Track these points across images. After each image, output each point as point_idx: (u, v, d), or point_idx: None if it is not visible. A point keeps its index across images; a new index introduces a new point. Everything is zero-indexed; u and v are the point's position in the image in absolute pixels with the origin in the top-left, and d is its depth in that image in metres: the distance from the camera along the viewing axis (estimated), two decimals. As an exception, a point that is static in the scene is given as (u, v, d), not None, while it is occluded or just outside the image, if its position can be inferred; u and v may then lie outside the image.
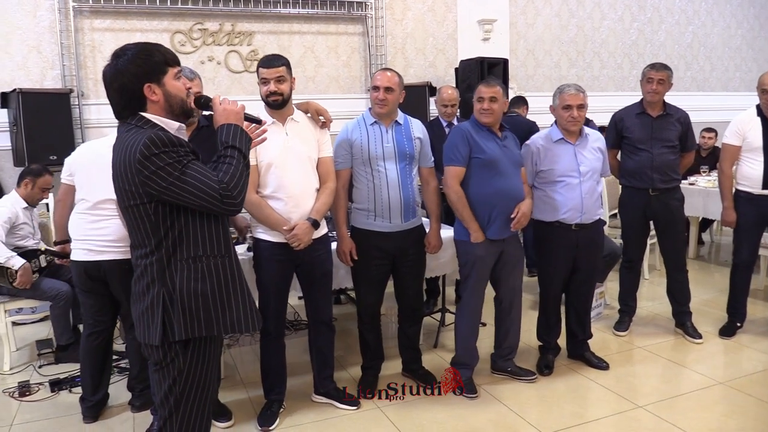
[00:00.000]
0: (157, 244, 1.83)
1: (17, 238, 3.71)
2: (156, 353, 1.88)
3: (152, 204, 1.79)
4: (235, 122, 1.91)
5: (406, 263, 3.21)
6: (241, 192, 1.83)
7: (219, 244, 1.89)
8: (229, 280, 1.90)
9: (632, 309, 4.19)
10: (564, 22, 7.31)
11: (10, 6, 5.21)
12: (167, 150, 1.73)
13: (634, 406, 3.09)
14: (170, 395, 1.90)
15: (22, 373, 3.70)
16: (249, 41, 6.06)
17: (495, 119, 3.16)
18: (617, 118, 4.01)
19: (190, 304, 1.83)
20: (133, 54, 1.82)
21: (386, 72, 3.09)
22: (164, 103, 1.85)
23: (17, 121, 4.85)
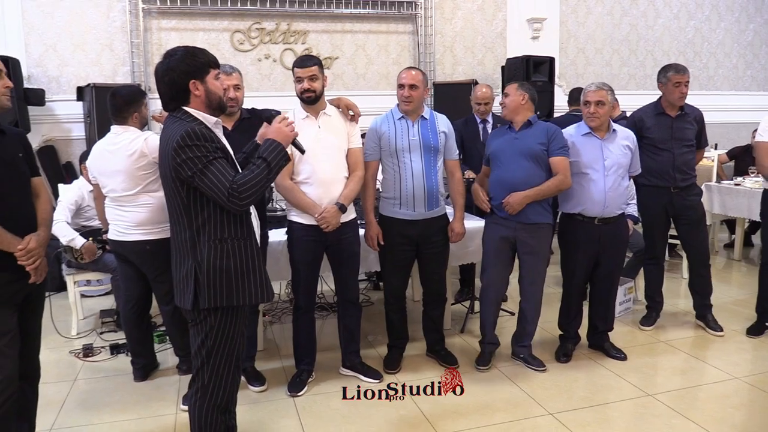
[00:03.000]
0: (189, 224, 2.14)
1: (83, 219, 4.16)
2: (190, 314, 2.21)
3: (185, 188, 2.09)
4: (281, 140, 2.19)
5: (429, 250, 3.42)
6: (250, 196, 2.07)
7: (241, 228, 2.18)
8: (248, 259, 2.19)
9: (659, 304, 4.24)
10: (616, 20, 7.29)
11: (86, 8, 5.72)
12: (198, 144, 2.03)
13: (645, 395, 3.20)
14: (202, 348, 2.21)
15: (87, 337, 4.13)
16: (303, 40, 6.38)
17: (509, 112, 3.41)
18: (636, 118, 4.07)
19: (215, 278, 2.13)
20: (183, 54, 2.14)
21: (411, 70, 3.32)
22: (205, 98, 2.15)
23: (90, 113, 5.33)
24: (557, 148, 3.34)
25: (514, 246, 3.45)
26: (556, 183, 3.32)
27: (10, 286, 2.30)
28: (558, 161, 3.33)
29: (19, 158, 2.42)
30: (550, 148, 3.34)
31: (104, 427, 2.99)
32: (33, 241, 2.31)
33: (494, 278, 3.51)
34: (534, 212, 3.35)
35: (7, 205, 2.30)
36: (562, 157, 3.34)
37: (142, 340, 3.50)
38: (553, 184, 3.33)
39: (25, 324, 2.43)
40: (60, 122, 5.79)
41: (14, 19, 5.57)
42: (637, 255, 4.54)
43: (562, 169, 3.33)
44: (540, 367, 3.50)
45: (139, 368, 3.48)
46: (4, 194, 2.31)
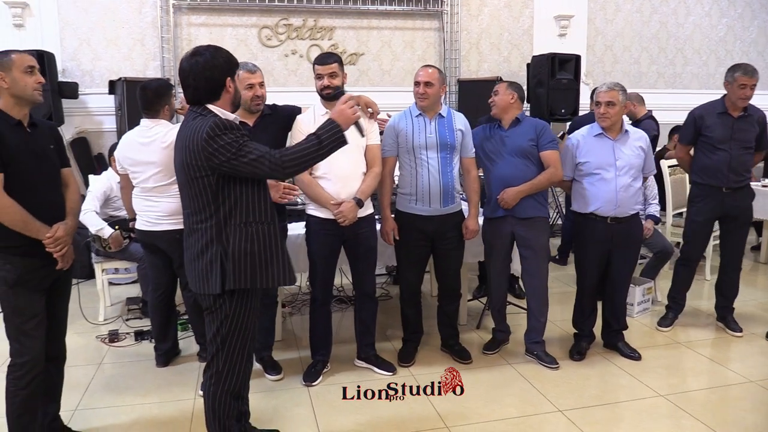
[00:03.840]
0: (215, 210, 2.22)
1: (111, 209, 4.30)
2: (207, 300, 2.30)
3: (214, 176, 2.18)
4: (342, 122, 2.25)
5: (444, 245, 3.47)
6: (294, 165, 2.17)
7: (265, 213, 2.28)
8: (271, 243, 2.29)
9: (680, 306, 4.22)
10: (645, 17, 7.19)
11: (119, 3, 5.89)
12: (227, 132, 2.13)
13: (656, 395, 3.20)
14: (218, 335, 2.31)
15: (113, 324, 4.28)
16: (329, 36, 6.46)
17: (498, 110, 3.48)
18: (697, 115, 3.98)
19: (241, 260, 2.22)
20: (216, 52, 2.23)
21: (427, 68, 3.36)
22: (233, 95, 2.26)
23: (122, 106, 5.49)
24: (546, 142, 3.44)
25: (512, 239, 3.54)
26: (548, 176, 3.42)
27: (39, 271, 2.43)
28: (548, 155, 3.43)
29: (50, 150, 2.54)
30: (539, 143, 3.43)
31: (126, 409, 3.12)
32: (61, 230, 2.42)
33: (495, 270, 3.64)
34: (529, 206, 3.44)
35: (37, 195, 2.42)
36: (552, 151, 3.44)
37: (165, 327, 3.62)
38: (545, 177, 3.42)
39: (52, 308, 2.56)
40: (92, 115, 5.98)
41: (50, 15, 5.76)
42: (658, 255, 4.51)
43: (553, 162, 3.42)
44: (552, 365, 3.53)
45: (161, 354, 3.61)
46: (35, 185, 2.43)
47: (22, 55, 2.44)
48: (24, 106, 2.43)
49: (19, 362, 2.44)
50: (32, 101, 2.44)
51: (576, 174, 3.54)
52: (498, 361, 3.65)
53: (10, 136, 2.35)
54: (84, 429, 2.87)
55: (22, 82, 2.39)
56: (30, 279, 2.41)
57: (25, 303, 2.41)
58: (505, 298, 3.77)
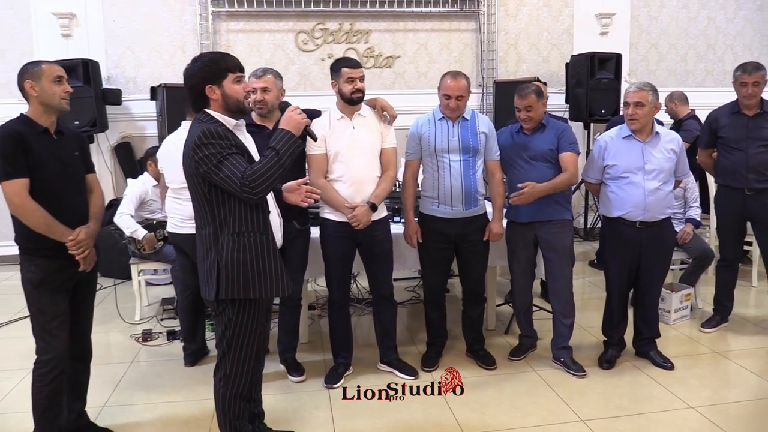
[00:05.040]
0: (211, 219, 2.27)
1: (146, 212, 4.45)
2: (212, 305, 2.36)
3: (206, 184, 2.21)
4: (291, 129, 2.26)
5: (467, 248, 3.43)
6: (261, 185, 2.14)
7: (258, 223, 2.29)
8: (263, 253, 2.29)
9: (726, 309, 4.09)
10: (692, 14, 6.94)
11: (161, 11, 6.07)
12: (213, 142, 2.15)
13: (686, 407, 3.07)
14: (223, 339, 2.36)
15: (148, 323, 4.40)
16: (366, 39, 6.49)
17: (534, 123, 3.41)
18: (711, 117, 4.01)
19: (233, 270, 2.25)
20: (204, 61, 2.27)
21: (457, 80, 3.27)
22: (222, 101, 2.26)
23: (162, 112, 5.65)
24: (566, 144, 3.35)
25: (536, 242, 3.48)
26: (566, 178, 3.34)
27: (62, 272, 2.52)
28: (565, 157, 3.35)
29: (74, 157, 2.63)
30: (559, 146, 3.35)
31: (150, 406, 3.20)
32: (82, 233, 2.51)
33: (518, 273, 3.59)
34: (551, 209, 3.36)
35: (61, 200, 2.52)
36: (571, 153, 3.36)
37: (194, 328, 3.70)
38: (563, 179, 3.35)
39: (76, 308, 2.66)
40: (135, 120, 6.18)
41: (96, 24, 5.99)
42: (697, 261, 4.34)
43: (570, 165, 3.34)
44: (579, 372, 3.43)
45: (189, 354, 3.69)
46: (60, 190, 2.52)
47: (52, 66, 2.54)
48: (51, 114, 2.53)
49: (43, 359, 2.53)
50: (59, 109, 2.54)
51: (604, 177, 3.44)
52: (523, 368, 3.57)
53: (36, 142, 2.45)
54: (109, 425, 2.95)
55: (50, 91, 2.48)
56: (53, 280, 2.50)
57: (49, 303, 2.51)
58: (530, 303, 3.69)
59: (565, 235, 3.44)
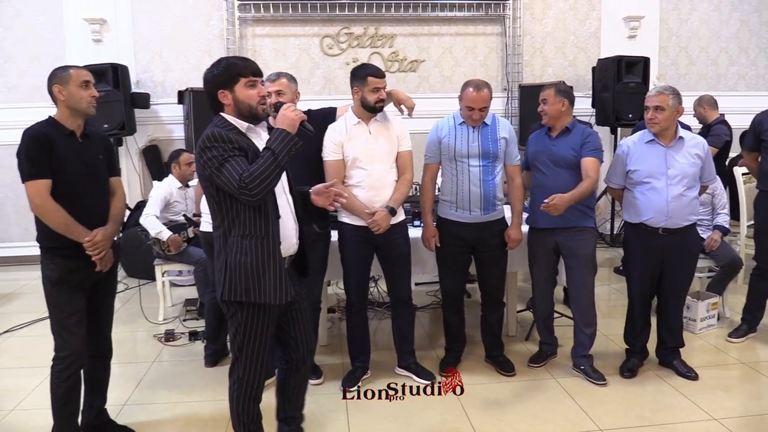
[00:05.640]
0: (221, 221, 2.29)
1: (171, 214, 4.51)
2: (223, 307, 2.37)
3: (214, 187, 2.23)
4: (286, 127, 2.22)
5: (485, 253, 3.41)
6: (258, 186, 2.10)
7: (260, 227, 2.25)
8: (264, 258, 2.25)
9: (756, 319, 3.98)
10: (724, 16, 6.79)
11: (189, 17, 6.18)
12: (216, 145, 2.16)
13: (709, 419, 3.00)
14: (235, 342, 2.38)
15: (171, 323, 4.46)
16: (390, 43, 6.50)
17: (549, 119, 3.35)
18: (756, 120, 3.91)
19: (236, 273, 2.25)
20: (218, 66, 2.29)
21: (480, 91, 3.22)
22: (234, 106, 2.28)
23: (189, 115, 5.74)
24: (589, 150, 3.28)
25: (555, 248, 3.43)
26: (587, 185, 3.25)
27: (80, 272, 2.57)
28: (587, 162, 3.28)
29: (99, 160, 2.69)
30: (582, 151, 3.28)
31: (170, 405, 3.24)
32: (99, 234, 2.56)
33: (539, 280, 3.55)
34: (573, 215, 3.30)
35: (84, 201, 2.57)
36: (592, 158, 3.28)
37: (218, 329, 3.73)
38: (585, 186, 3.25)
39: (95, 306, 2.71)
40: (163, 124, 6.29)
41: (126, 30, 6.12)
42: (725, 269, 4.24)
43: (591, 170, 3.26)
44: (600, 381, 3.38)
45: (210, 354, 3.73)
46: (82, 191, 2.58)
47: (79, 71, 2.60)
48: (78, 117, 2.59)
49: (61, 356, 2.60)
50: (86, 113, 2.60)
51: (627, 182, 3.39)
52: (543, 375, 3.53)
53: (61, 144, 2.52)
54: (130, 423, 3.00)
55: (77, 96, 2.54)
56: (71, 279, 2.56)
57: (67, 300, 2.57)
58: (551, 310, 3.65)
59: (587, 242, 3.38)
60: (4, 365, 3.83)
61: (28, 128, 2.52)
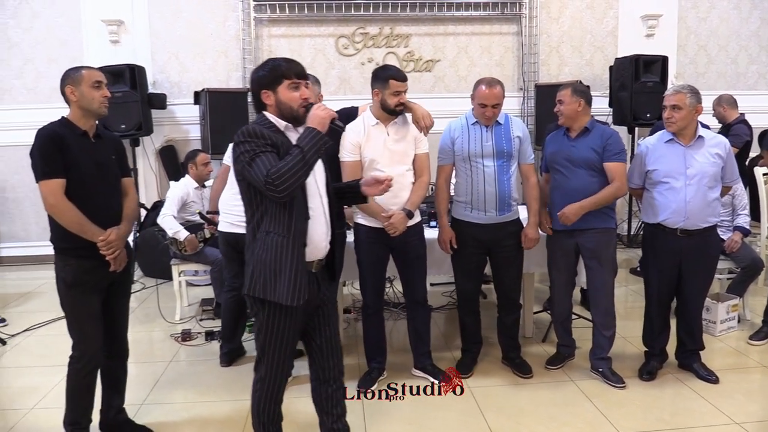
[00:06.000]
0: (251, 216, 2.29)
1: (188, 214, 4.54)
2: (248, 302, 2.37)
3: (245, 182, 2.24)
4: (316, 125, 2.20)
5: (501, 254, 3.39)
6: (284, 183, 2.09)
7: (283, 225, 2.23)
8: (282, 256, 2.23)
9: None
10: (744, 14, 6.70)
11: (205, 18, 6.21)
12: (249, 140, 2.17)
13: (730, 422, 2.96)
14: (258, 341, 2.37)
15: (187, 323, 4.48)
16: (406, 43, 6.49)
17: (565, 119, 3.32)
18: None
19: (256, 268, 2.26)
20: (265, 67, 2.29)
21: (492, 88, 3.23)
22: (276, 107, 2.28)
23: (204, 116, 5.77)
24: (613, 153, 3.24)
25: (577, 251, 3.40)
26: (612, 191, 3.24)
27: (95, 272, 2.58)
28: (613, 167, 3.24)
29: (111, 160, 2.69)
30: (604, 154, 3.24)
31: (187, 405, 3.26)
32: (113, 234, 2.57)
33: (558, 283, 3.52)
34: (594, 217, 3.27)
35: (96, 201, 2.58)
36: (618, 163, 3.24)
37: (234, 328, 3.75)
38: (609, 192, 3.24)
39: (111, 307, 2.73)
40: (179, 124, 6.33)
41: (143, 31, 6.16)
42: (746, 270, 4.18)
43: (618, 175, 3.23)
44: (618, 384, 3.34)
45: (225, 353, 3.74)
46: (94, 191, 2.58)
47: (91, 71, 2.60)
48: (90, 118, 2.61)
49: (77, 355, 2.63)
50: (98, 114, 2.61)
51: (646, 182, 3.35)
52: (560, 377, 3.50)
53: (74, 144, 2.53)
54: (147, 423, 3.01)
55: (89, 96, 2.55)
56: (87, 280, 2.57)
57: (82, 302, 2.58)
58: (570, 312, 3.62)
59: (608, 243, 3.35)
60: (25, 363, 3.87)
61: (42, 128, 2.53)
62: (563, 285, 3.52)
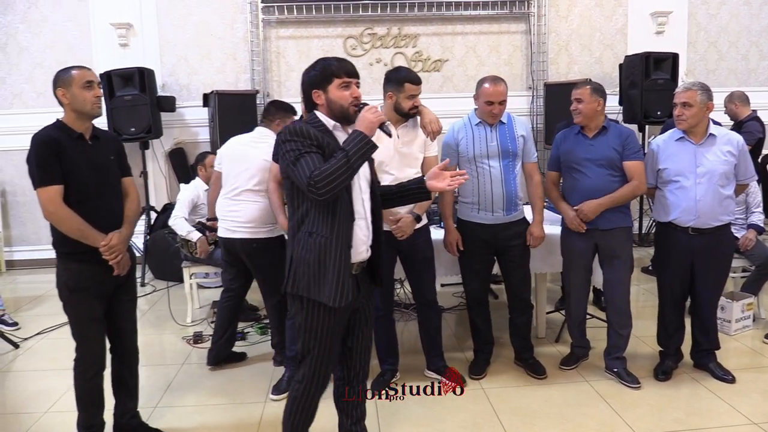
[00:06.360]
0: (292, 214, 2.29)
1: (198, 216, 4.53)
2: (289, 301, 2.36)
3: (289, 180, 2.24)
4: (364, 129, 2.18)
5: (508, 254, 3.37)
6: (327, 186, 2.08)
7: (326, 227, 2.21)
8: (325, 257, 2.21)
9: None
10: (755, 10, 6.64)
11: (213, 21, 6.22)
12: (295, 139, 2.16)
13: (748, 422, 2.92)
14: (300, 342, 2.33)
15: (199, 326, 4.49)
16: (414, 43, 6.47)
17: (583, 118, 3.28)
18: None
19: (299, 267, 2.24)
20: (316, 67, 2.28)
21: (497, 85, 3.22)
22: (327, 106, 2.26)
23: (213, 118, 5.77)
24: (632, 152, 3.23)
25: (594, 251, 3.36)
26: (631, 189, 3.23)
27: (97, 277, 2.56)
28: (633, 165, 3.22)
29: (110, 161, 2.66)
30: (624, 153, 3.22)
31: (200, 408, 3.25)
32: (115, 238, 2.54)
33: (575, 283, 3.47)
34: (612, 216, 3.26)
35: (96, 204, 2.55)
36: (637, 162, 3.23)
37: (224, 330, 3.71)
38: (628, 190, 3.23)
39: (116, 310, 2.71)
40: (188, 126, 6.33)
41: (151, 34, 6.18)
42: (760, 268, 4.14)
43: (637, 174, 3.21)
44: (633, 384, 3.31)
45: (212, 351, 3.72)
46: (93, 194, 2.55)
47: (82, 71, 2.54)
48: (84, 119, 2.56)
49: (80, 359, 2.63)
50: (91, 115, 2.56)
51: (658, 181, 3.32)
52: (575, 378, 3.48)
53: (71, 148, 2.49)
54: (161, 426, 3.00)
55: (81, 97, 2.50)
56: (89, 285, 2.55)
57: (86, 307, 2.57)
58: (585, 313, 3.59)
59: (627, 242, 3.34)
60: (37, 367, 3.87)
61: (37, 133, 2.49)
62: (581, 286, 3.48)
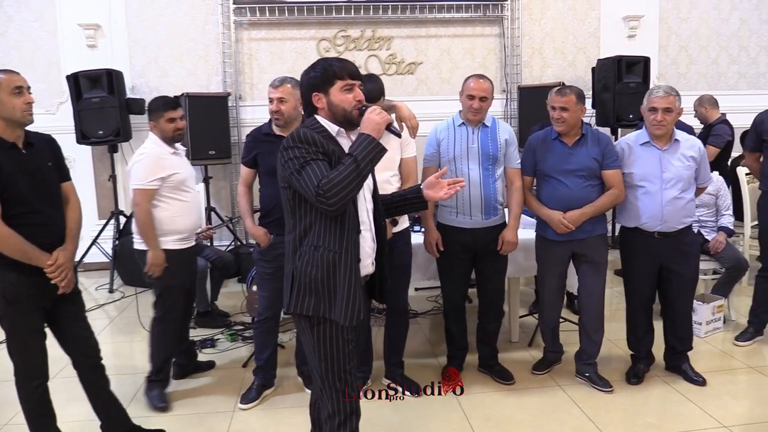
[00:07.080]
0: (293, 227, 2.12)
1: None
2: (295, 321, 2.19)
3: (290, 189, 2.08)
4: (371, 131, 2.05)
5: (486, 259, 3.35)
6: (337, 195, 1.95)
7: (334, 240, 2.06)
8: (337, 273, 2.06)
9: (762, 321, 3.92)
10: (724, 15, 6.73)
11: (184, 22, 6.11)
12: (299, 146, 2.02)
13: (719, 425, 2.94)
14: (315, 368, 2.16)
15: (168, 333, 4.38)
16: (388, 46, 6.43)
17: (567, 127, 3.23)
18: (757, 119, 3.87)
19: (305, 284, 2.07)
20: (316, 68, 2.14)
21: (481, 80, 3.20)
22: (328, 110, 2.13)
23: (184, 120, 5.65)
24: (611, 161, 3.23)
25: (570, 256, 3.35)
26: (611, 198, 3.23)
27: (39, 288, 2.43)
28: (612, 174, 3.21)
29: (47, 167, 2.51)
30: (603, 162, 3.21)
31: (166, 417, 3.18)
32: (61, 257, 2.43)
33: (550, 289, 3.44)
34: (588, 223, 3.24)
35: (37, 220, 2.42)
36: (616, 170, 3.22)
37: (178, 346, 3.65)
38: (609, 199, 3.23)
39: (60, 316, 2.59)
40: (159, 129, 6.20)
41: (120, 35, 6.04)
42: (730, 271, 4.17)
43: (616, 183, 3.21)
44: (606, 388, 3.31)
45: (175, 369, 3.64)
46: (33, 205, 2.41)
47: (10, 76, 2.40)
48: (15, 128, 2.41)
49: (22, 373, 2.52)
50: (22, 122, 2.42)
51: (623, 184, 3.32)
52: (547, 383, 3.47)
53: (4, 160, 2.34)
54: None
55: (9, 104, 2.36)
56: (29, 297, 2.43)
57: (25, 319, 2.45)
58: (559, 318, 3.58)
59: (604, 248, 3.33)
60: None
61: None
62: (555, 291, 3.46)
